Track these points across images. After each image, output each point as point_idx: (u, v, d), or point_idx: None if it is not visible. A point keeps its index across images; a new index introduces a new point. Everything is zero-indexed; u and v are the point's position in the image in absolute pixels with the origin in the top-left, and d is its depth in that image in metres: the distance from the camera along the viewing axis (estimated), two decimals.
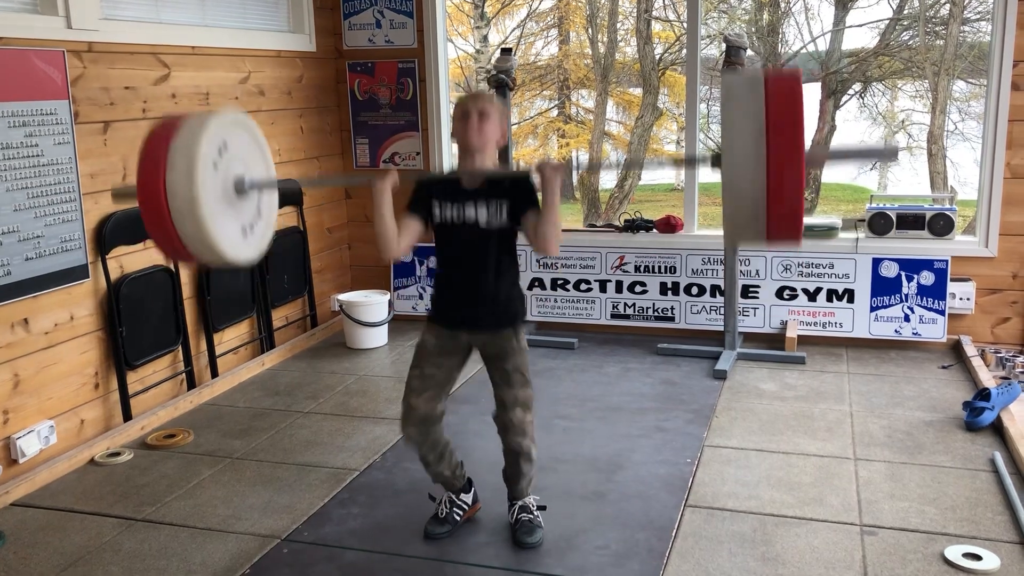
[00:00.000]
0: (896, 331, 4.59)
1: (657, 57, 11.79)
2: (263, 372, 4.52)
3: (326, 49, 5.20)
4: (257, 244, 2.65)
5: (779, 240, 2.27)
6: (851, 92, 11.89)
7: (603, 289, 5.01)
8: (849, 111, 12.09)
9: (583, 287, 5.04)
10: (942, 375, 4.22)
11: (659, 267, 4.90)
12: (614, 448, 3.46)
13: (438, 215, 2.67)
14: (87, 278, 3.54)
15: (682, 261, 4.86)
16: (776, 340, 4.70)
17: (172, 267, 3.98)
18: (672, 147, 13.09)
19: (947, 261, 4.49)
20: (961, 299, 4.52)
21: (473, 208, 2.63)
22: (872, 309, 4.61)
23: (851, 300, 4.64)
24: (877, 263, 4.59)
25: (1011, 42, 4.26)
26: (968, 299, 4.52)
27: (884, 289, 4.59)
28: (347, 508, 3.04)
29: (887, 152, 2.71)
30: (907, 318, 4.56)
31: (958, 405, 3.78)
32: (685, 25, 6.68)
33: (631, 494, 3.07)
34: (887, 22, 11.16)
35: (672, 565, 2.62)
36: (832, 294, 4.66)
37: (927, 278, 4.52)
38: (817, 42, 11.75)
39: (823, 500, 3.00)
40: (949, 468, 3.22)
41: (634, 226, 5.02)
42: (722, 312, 4.68)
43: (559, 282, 5.07)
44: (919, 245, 4.57)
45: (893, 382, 4.14)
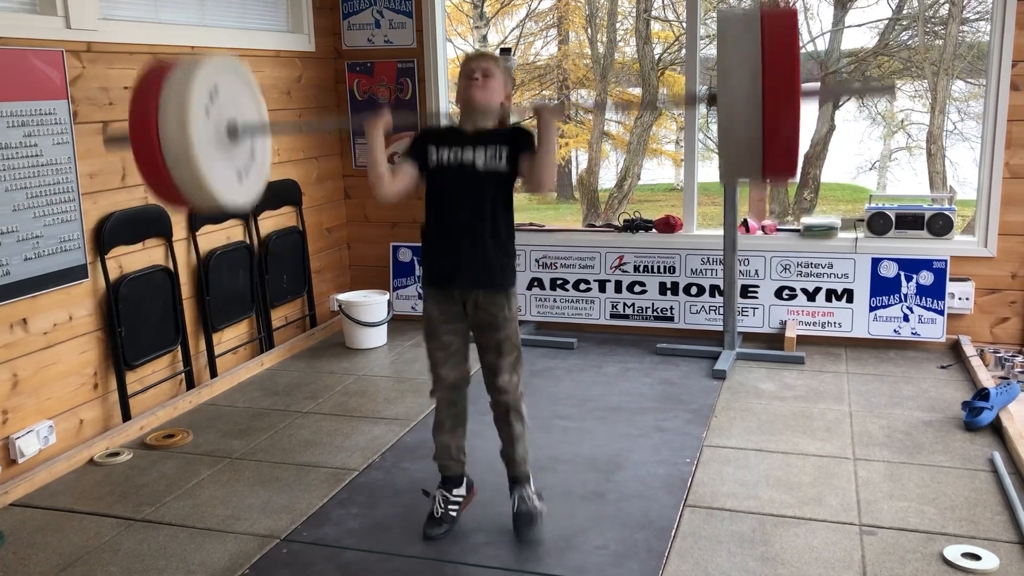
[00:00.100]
0: (895, 331, 4.59)
1: (656, 57, 11.79)
2: (262, 372, 4.52)
3: (325, 49, 5.20)
4: (252, 188, 2.65)
5: (775, 177, 2.26)
6: None
7: (602, 289, 5.01)
8: (848, 111, 12.09)
9: (582, 287, 5.04)
10: (941, 375, 4.22)
11: (658, 267, 4.90)
12: (613, 448, 3.46)
13: (435, 159, 2.68)
14: (86, 278, 3.54)
15: (681, 261, 4.86)
16: (775, 340, 4.71)
17: (171, 267, 3.98)
18: (671, 147, 13.10)
19: (946, 261, 4.49)
20: (960, 299, 4.52)
21: (471, 151, 2.65)
22: (871, 309, 4.61)
23: (850, 300, 4.64)
24: (876, 263, 4.59)
25: (1010, 42, 4.26)
26: (967, 299, 4.52)
27: (883, 289, 4.59)
28: (346, 508, 3.04)
29: (883, 88, 2.71)
30: (906, 318, 4.56)
31: (957, 405, 3.78)
32: (684, 25, 6.67)
33: (630, 494, 3.07)
34: (886, 22, 11.16)
35: (671, 565, 2.62)
36: (831, 294, 4.66)
37: (926, 278, 4.52)
38: (816, 42, 11.75)
39: (822, 500, 3.00)
40: (948, 468, 3.22)
41: (633, 226, 5.03)
42: (721, 312, 4.68)
43: (558, 282, 5.07)
44: (918, 245, 4.57)
45: (892, 382, 4.14)
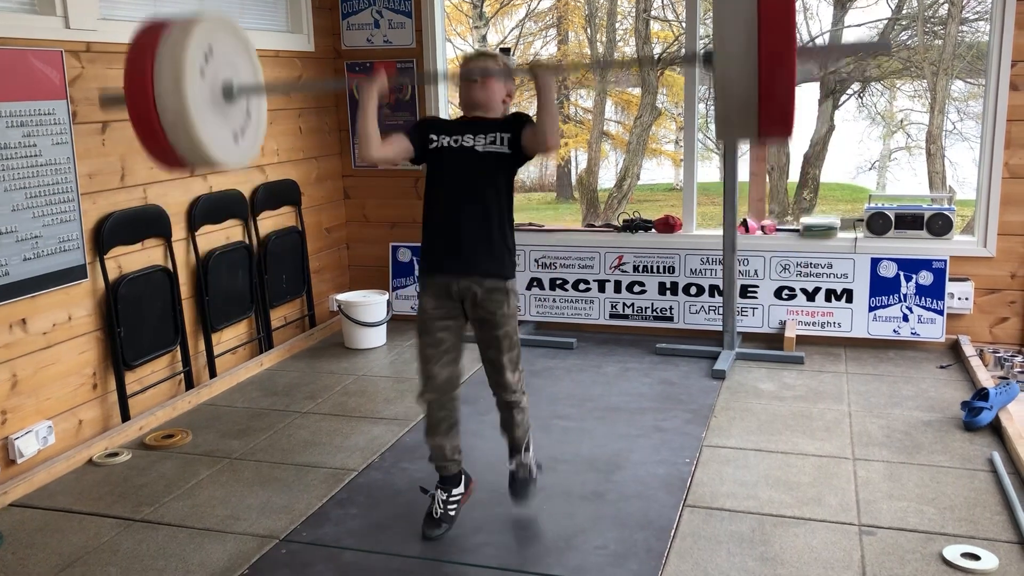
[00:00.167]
0: (895, 331, 4.59)
1: (656, 57, 11.78)
2: (261, 372, 4.52)
3: (324, 49, 5.19)
4: (249, 147, 2.66)
5: (770, 136, 2.25)
6: (850, 92, 11.90)
7: (602, 289, 5.01)
8: (848, 111, 12.10)
9: (582, 287, 5.04)
10: (940, 375, 4.22)
11: (658, 267, 4.90)
12: (613, 448, 3.46)
13: (435, 143, 2.69)
14: (85, 278, 3.54)
15: (681, 261, 4.86)
16: (775, 340, 4.71)
17: (170, 267, 3.98)
18: (671, 147, 13.10)
19: (945, 261, 4.49)
20: (959, 299, 4.52)
21: (471, 136, 2.67)
22: (871, 309, 4.61)
23: (850, 300, 4.64)
24: (876, 263, 4.59)
25: (1009, 42, 4.26)
26: (966, 299, 4.52)
27: (883, 289, 4.59)
28: (345, 508, 3.03)
29: (880, 46, 2.70)
30: (905, 318, 4.56)
31: (956, 405, 3.78)
32: (684, 25, 6.68)
33: (630, 494, 3.07)
34: (886, 22, 11.17)
35: (671, 565, 2.62)
36: (831, 294, 4.66)
37: (925, 278, 4.52)
38: (816, 41, 11.74)
39: (821, 500, 3.00)
40: (947, 468, 3.22)
41: (633, 226, 5.02)
42: (721, 312, 4.68)
43: (558, 282, 5.07)
44: (918, 245, 4.57)
45: (891, 382, 4.14)
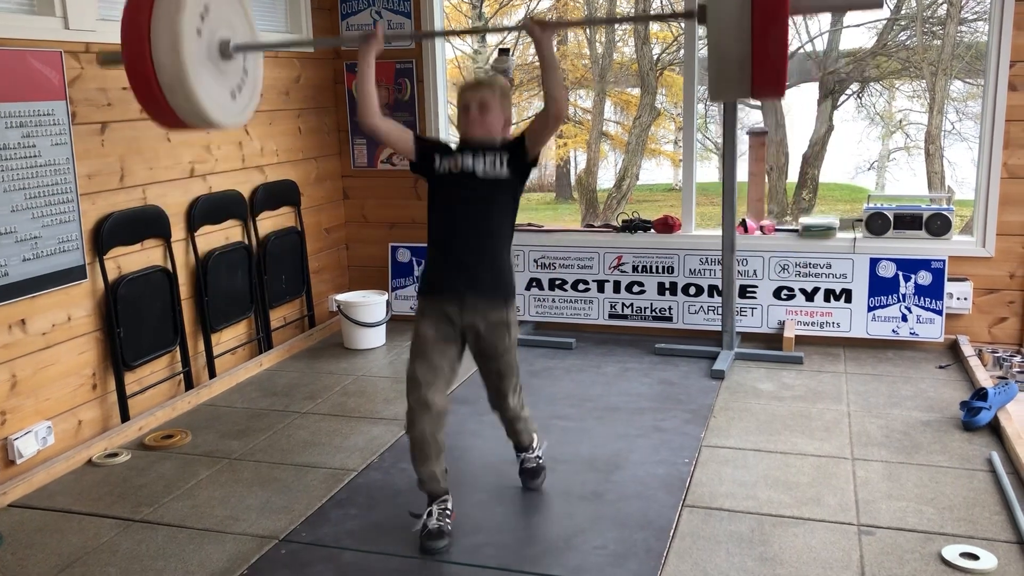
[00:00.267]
0: (893, 331, 4.59)
1: (655, 57, 11.80)
2: (261, 373, 4.52)
3: (324, 49, 5.19)
4: (246, 105, 2.69)
5: (763, 93, 2.27)
6: (849, 92, 11.91)
7: (601, 289, 5.01)
8: (847, 111, 12.11)
9: (581, 287, 5.04)
10: (939, 375, 4.22)
11: (657, 267, 4.91)
12: (612, 448, 3.46)
13: (438, 165, 2.73)
14: (85, 279, 3.54)
15: (680, 261, 4.87)
16: (774, 340, 4.71)
17: (170, 268, 3.98)
18: (670, 147, 13.10)
19: (944, 261, 4.50)
20: (958, 299, 4.53)
21: (471, 159, 2.71)
22: (870, 309, 4.62)
23: (848, 300, 4.64)
24: (875, 263, 4.59)
25: (1008, 42, 4.27)
26: (965, 299, 4.52)
27: (881, 289, 4.59)
28: (345, 509, 3.03)
29: (871, 1, 2.72)
30: (904, 318, 4.57)
31: (955, 405, 3.78)
32: (683, 25, 6.68)
33: (629, 494, 3.07)
34: (885, 22, 11.18)
35: (670, 565, 2.62)
36: (830, 294, 4.67)
37: (924, 278, 4.52)
38: (815, 42, 11.77)
39: (821, 500, 3.00)
40: (946, 468, 3.22)
41: (632, 226, 5.03)
42: (720, 312, 4.68)
43: (557, 282, 5.07)
44: (916, 245, 4.58)
45: (890, 382, 4.14)
